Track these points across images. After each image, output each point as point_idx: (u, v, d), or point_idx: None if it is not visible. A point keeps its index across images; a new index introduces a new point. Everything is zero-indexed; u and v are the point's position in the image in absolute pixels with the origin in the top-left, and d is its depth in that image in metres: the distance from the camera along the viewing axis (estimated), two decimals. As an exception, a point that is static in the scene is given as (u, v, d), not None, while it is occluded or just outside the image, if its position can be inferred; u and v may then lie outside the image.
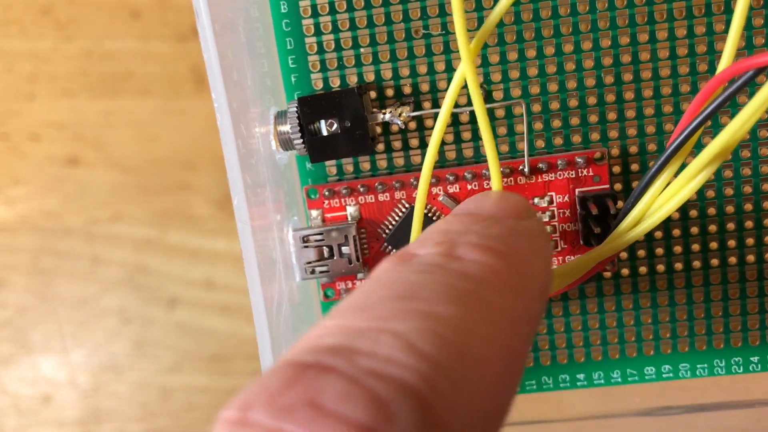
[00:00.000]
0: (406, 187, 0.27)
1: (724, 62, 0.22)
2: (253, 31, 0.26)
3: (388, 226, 0.28)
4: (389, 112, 0.26)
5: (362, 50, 0.27)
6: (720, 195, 0.27)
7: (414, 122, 0.27)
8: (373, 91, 0.27)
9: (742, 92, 0.24)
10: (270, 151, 0.26)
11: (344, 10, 0.27)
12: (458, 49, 0.22)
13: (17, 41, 0.46)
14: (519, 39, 0.27)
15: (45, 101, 0.46)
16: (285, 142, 0.26)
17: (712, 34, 0.26)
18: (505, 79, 0.27)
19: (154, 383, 0.47)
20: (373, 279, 0.18)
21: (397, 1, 0.26)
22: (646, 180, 0.23)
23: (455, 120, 0.27)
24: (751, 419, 0.29)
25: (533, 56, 0.27)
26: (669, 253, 0.28)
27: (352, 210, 0.28)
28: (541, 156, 0.27)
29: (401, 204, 0.27)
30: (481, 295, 0.17)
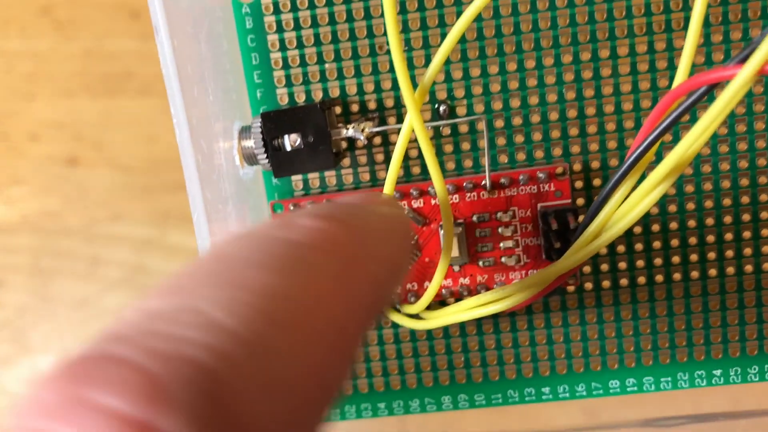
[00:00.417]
0: (371, 201, 0.28)
1: (679, 77, 0.22)
2: (218, 46, 0.27)
3: (353, 240, 0.28)
4: (352, 127, 0.26)
5: (327, 66, 0.28)
6: (682, 209, 0.28)
7: (379, 137, 0.28)
8: (338, 107, 0.28)
9: (702, 105, 0.24)
10: (234, 167, 0.27)
11: (309, 25, 0.27)
12: (405, 98, 0.23)
13: (17, 41, 0.46)
14: (481, 55, 0.27)
15: (44, 101, 0.47)
16: (249, 157, 0.27)
17: (672, 50, 0.27)
18: (468, 94, 0.27)
19: None
20: (194, 262, 0.16)
21: (362, 17, 0.27)
22: (603, 195, 0.24)
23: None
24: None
25: (495, 72, 0.27)
26: (632, 267, 0.29)
27: (317, 224, 0.28)
28: (503, 171, 0.27)
29: (366, 218, 0.28)
30: (306, 259, 0.15)
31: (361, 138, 0.27)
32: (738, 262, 0.28)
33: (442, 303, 0.29)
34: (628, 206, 0.23)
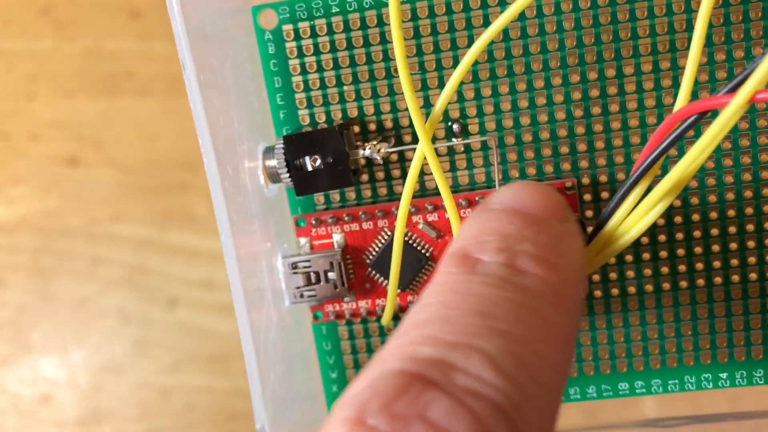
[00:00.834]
0: (389, 216, 0.32)
1: (681, 97, 0.26)
2: (242, 70, 0.31)
3: (372, 253, 0.32)
4: (369, 148, 0.30)
5: (345, 88, 0.31)
6: (687, 220, 0.31)
7: (396, 154, 0.32)
8: (356, 126, 0.32)
9: (706, 121, 0.28)
10: (258, 185, 0.31)
11: (328, 50, 0.31)
12: (414, 122, 0.27)
13: (17, 41, 0.49)
14: (492, 76, 0.31)
15: (45, 101, 0.49)
16: (273, 176, 0.31)
17: (677, 68, 0.30)
18: (479, 113, 0.31)
19: (154, 383, 0.50)
20: (446, 287, 0.22)
21: (378, 41, 0.31)
22: (608, 211, 0.27)
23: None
24: None
25: (506, 92, 0.31)
26: (640, 275, 0.32)
27: (338, 238, 0.32)
28: (515, 186, 0.31)
29: (384, 232, 0.32)
30: (542, 312, 0.21)
31: (377, 158, 0.31)
32: (743, 270, 0.31)
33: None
34: (629, 223, 0.26)
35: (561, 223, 0.24)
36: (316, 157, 0.30)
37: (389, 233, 0.32)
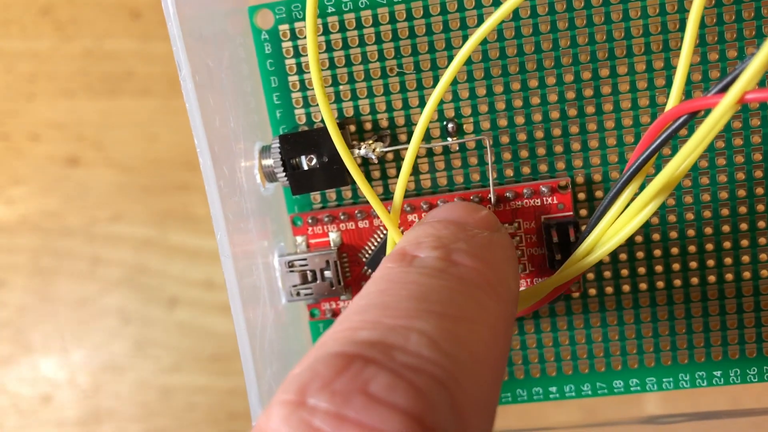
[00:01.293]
0: (384, 215, 0.32)
1: (673, 96, 0.26)
2: (239, 70, 0.31)
3: (368, 251, 0.33)
4: (364, 147, 0.31)
5: (341, 87, 0.32)
6: (681, 219, 0.32)
7: (392, 153, 0.32)
8: (352, 125, 0.32)
9: (699, 120, 0.29)
10: (255, 184, 0.31)
11: (324, 50, 0.32)
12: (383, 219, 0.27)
13: (17, 41, 0.49)
14: (487, 76, 0.31)
15: (45, 101, 0.50)
16: (269, 175, 0.31)
17: (670, 68, 0.31)
18: (474, 113, 0.32)
19: (154, 383, 0.51)
20: (384, 278, 0.23)
21: (373, 41, 0.31)
22: (599, 212, 0.28)
23: (429, 151, 0.32)
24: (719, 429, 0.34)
25: (500, 91, 0.31)
26: (634, 273, 0.33)
27: (334, 236, 0.33)
28: (509, 185, 0.32)
29: (380, 230, 0.33)
30: (476, 298, 0.23)
31: (373, 158, 0.31)
32: (736, 269, 0.32)
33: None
34: (620, 223, 0.27)
35: (492, 232, 0.27)
36: (312, 156, 0.30)
37: (385, 232, 0.32)
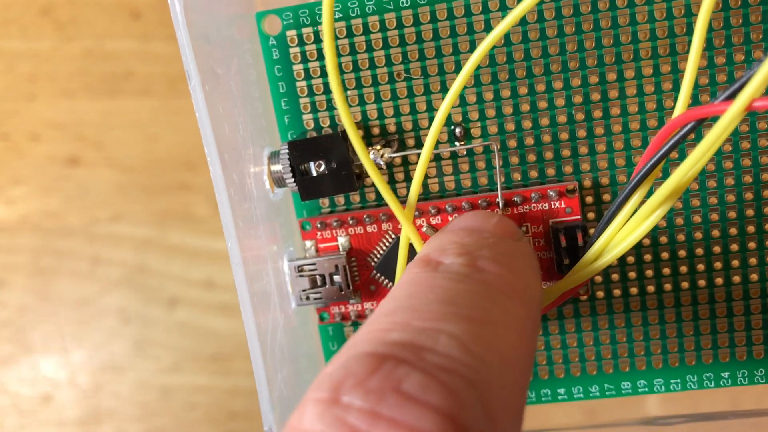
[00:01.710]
0: (393, 219, 0.33)
1: (680, 105, 0.26)
2: (247, 76, 0.32)
3: (377, 255, 0.33)
4: (372, 153, 0.31)
5: (349, 93, 0.32)
6: (689, 222, 0.32)
7: (399, 158, 0.32)
8: (360, 130, 0.32)
9: (707, 124, 0.29)
10: (264, 189, 0.32)
11: (330, 56, 0.32)
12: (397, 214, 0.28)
13: (17, 41, 0.50)
14: (494, 80, 0.32)
15: (45, 101, 0.50)
16: (278, 181, 0.32)
17: (677, 72, 0.31)
18: (482, 117, 0.32)
19: (154, 383, 0.51)
20: (412, 282, 0.24)
21: (380, 46, 0.32)
22: (608, 216, 0.28)
23: (437, 156, 0.32)
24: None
25: (508, 96, 0.32)
26: (641, 276, 0.33)
27: (342, 241, 0.33)
28: (517, 189, 0.32)
29: (388, 234, 0.33)
30: (502, 303, 0.23)
31: (381, 163, 0.31)
32: (743, 271, 0.32)
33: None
34: (629, 228, 0.27)
35: (515, 241, 0.27)
36: (321, 162, 0.31)
37: (393, 236, 0.32)
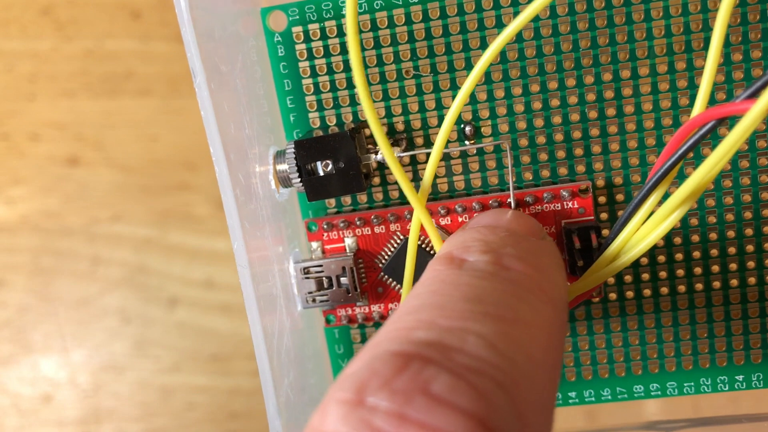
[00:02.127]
0: (401, 220, 0.32)
1: (698, 105, 0.26)
2: (253, 73, 0.31)
3: (384, 257, 0.32)
4: (380, 152, 0.30)
5: (356, 90, 0.31)
6: (703, 222, 0.32)
7: (408, 157, 0.32)
8: (367, 129, 0.32)
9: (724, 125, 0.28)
10: (270, 189, 0.31)
11: (338, 53, 0.31)
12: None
13: (17, 41, 0.49)
14: (505, 77, 0.31)
15: (45, 101, 0.50)
16: (284, 180, 0.31)
17: (692, 69, 0.30)
18: (492, 115, 0.31)
19: (154, 383, 0.51)
20: (435, 279, 0.23)
21: (388, 43, 0.31)
22: (624, 218, 0.27)
23: (446, 155, 0.32)
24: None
25: (519, 93, 0.31)
26: (655, 278, 0.32)
27: (350, 242, 0.32)
28: (528, 188, 0.31)
29: (396, 236, 0.32)
30: (530, 301, 0.22)
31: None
32: (759, 272, 0.32)
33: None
34: (646, 230, 0.26)
35: (539, 239, 0.26)
36: (328, 162, 0.30)
37: (401, 237, 0.32)
